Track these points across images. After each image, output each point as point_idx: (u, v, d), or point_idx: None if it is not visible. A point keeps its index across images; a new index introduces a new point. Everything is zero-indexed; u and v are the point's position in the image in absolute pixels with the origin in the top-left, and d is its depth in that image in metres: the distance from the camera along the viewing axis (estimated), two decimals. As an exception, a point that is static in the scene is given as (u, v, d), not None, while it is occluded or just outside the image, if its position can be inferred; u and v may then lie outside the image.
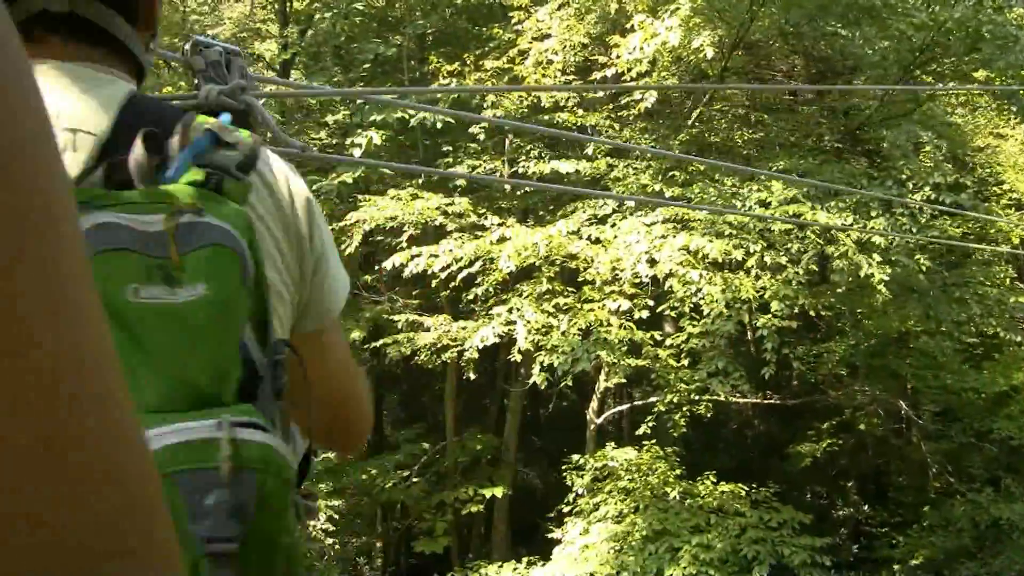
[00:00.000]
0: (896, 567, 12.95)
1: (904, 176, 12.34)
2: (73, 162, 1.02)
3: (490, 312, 10.85)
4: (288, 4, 15.00)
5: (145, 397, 0.86)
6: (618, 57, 11.21)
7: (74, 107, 1.06)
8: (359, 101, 10.89)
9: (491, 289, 10.84)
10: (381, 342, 11.67)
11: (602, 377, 11.79)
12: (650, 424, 11.65)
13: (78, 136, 1.05)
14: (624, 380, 11.52)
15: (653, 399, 11.93)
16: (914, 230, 12.01)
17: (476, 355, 10.49)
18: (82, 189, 0.95)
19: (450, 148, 11.94)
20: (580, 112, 11.60)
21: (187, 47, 1.49)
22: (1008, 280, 14.23)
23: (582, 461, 11.40)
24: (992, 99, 14.94)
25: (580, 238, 10.98)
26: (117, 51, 1.17)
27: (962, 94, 14.57)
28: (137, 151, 0.99)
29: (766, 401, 13.42)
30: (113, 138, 1.06)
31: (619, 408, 13.23)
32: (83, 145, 1.05)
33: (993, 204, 14.21)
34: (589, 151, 11.62)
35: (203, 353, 0.90)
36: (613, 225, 11.17)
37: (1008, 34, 13.14)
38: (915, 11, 12.89)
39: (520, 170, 11.38)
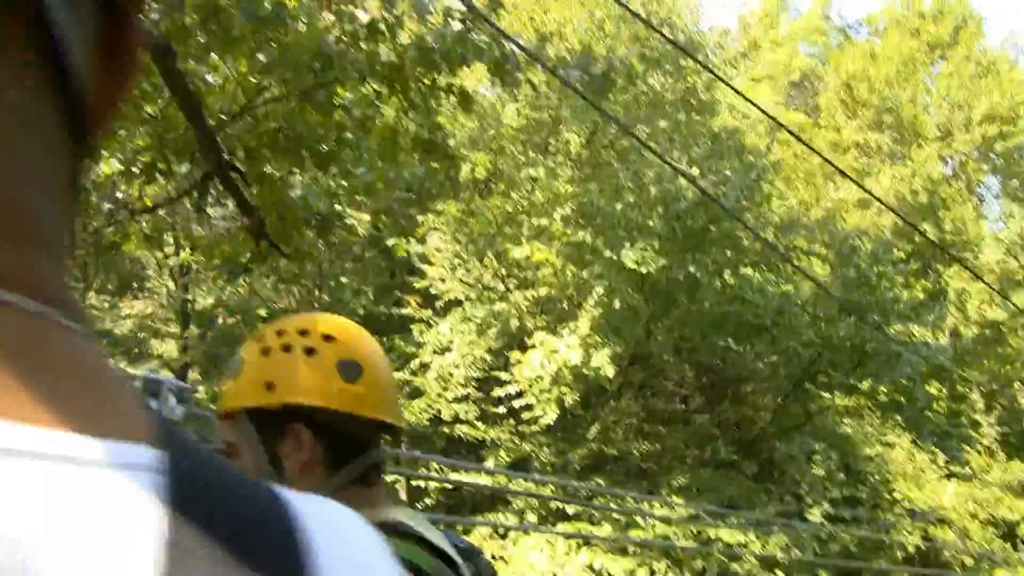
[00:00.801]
0: None
1: (803, 491, 12.44)
2: None
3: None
4: (190, 304, 14.86)
5: None
6: (519, 372, 11.31)
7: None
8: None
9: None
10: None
11: None
12: None
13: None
14: None
15: None
16: (815, 545, 11.99)
17: None
18: None
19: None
20: (481, 426, 11.54)
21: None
22: (908, 590, 14.21)
23: None
24: (878, 409, 15.44)
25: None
26: None
27: (850, 405, 15.03)
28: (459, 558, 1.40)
29: None
30: None
31: None
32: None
33: (886, 512, 14.36)
34: (489, 464, 11.49)
35: None
36: (515, 542, 10.90)
37: (890, 350, 13.72)
38: (804, 328, 13.42)
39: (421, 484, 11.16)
